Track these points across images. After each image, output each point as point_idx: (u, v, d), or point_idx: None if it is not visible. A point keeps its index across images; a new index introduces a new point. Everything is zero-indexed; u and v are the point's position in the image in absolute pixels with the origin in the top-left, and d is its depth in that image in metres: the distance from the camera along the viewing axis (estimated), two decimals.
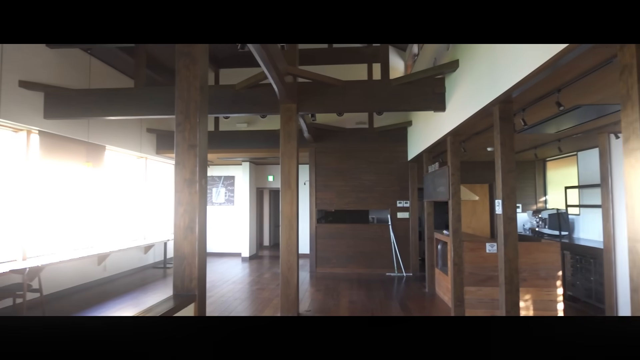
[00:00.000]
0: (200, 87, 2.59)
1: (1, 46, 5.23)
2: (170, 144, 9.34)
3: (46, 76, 6.08)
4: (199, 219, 2.56)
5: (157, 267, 9.63)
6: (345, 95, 5.55)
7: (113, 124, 7.71)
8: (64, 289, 6.71)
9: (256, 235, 11.79)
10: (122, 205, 8.73)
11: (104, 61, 7.47)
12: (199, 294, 2.57)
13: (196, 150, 2.55)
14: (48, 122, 6.14)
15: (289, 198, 5.41)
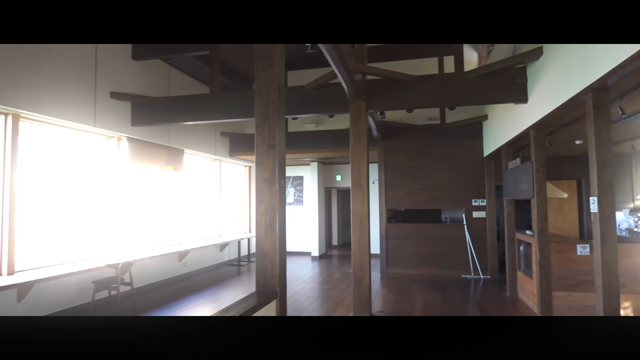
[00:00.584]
0: (278, 89, 2.64)
1: (95, 61, 5.71)
2: (242, 146, 9.68)
3: (132, 87, 6.57)
4: (279, 217, 2.61)
5: (231, 264, 10.03)
6: (416, 90, 5.40)
7: (190, 128, 8.15)
8: (150, 283, 7.21)
9: (325, 235, 11.88)
10: (199, 205, 9.21)
11: (182, 70, 7.93)
12: (280, 291, 2.62)
13: (275, 150, 2.61)
14: (135, 129, 6.62)
15: (360, 197, 5.38)
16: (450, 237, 8.46)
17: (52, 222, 5.61)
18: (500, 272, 8.17)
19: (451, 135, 8.43)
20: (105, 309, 5.85)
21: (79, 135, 5.91)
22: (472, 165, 8.38)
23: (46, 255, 5.44)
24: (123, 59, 6.42)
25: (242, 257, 10.40)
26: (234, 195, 10.81)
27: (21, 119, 4.93)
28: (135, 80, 6.65)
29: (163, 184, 7.86)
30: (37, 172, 5.32)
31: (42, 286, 5.09)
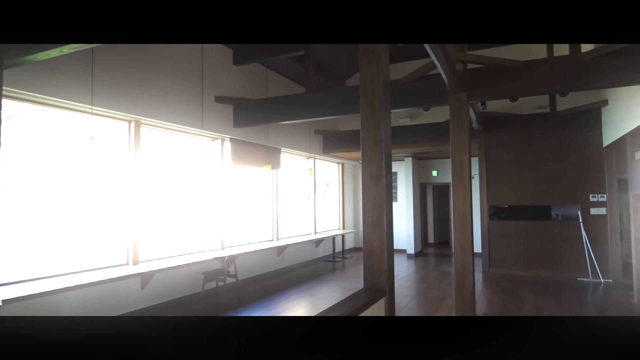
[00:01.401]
0: (384, 83, 2.59)
1: (201, 69, 6.14)
2: (335, 143, 9.76)
3: (234, 90, 6.96)
4: (386, 213, 2.55)
5: (326, 260, 10.20)
6: (524, 77, 4.98)
7: (286, 128, 8.42)
8: (252, 275, 7.59)
9: (420, 232, 11.57)
10: (294, 202, 9.49)
11: (278, 72, 8.22)
12: (388, 289, 2.57)
13: (382, 146, 2.55)
14: (236, 130, 7.01)
15: (462, 193, 5.11)
16: (563, 235, 7.71)
17: (168, 217, 6.15)
18: (624, 275, 7.26)
19: (563, 124, 7.67)
20: (213, 299, 6.27)
21: (187, 138, 6.40)
22: (588, 156, 7.54)
23: (163, 248, 5.99)
24: (225, 65, 6.82)
25: (337, 253, 10.51)
26: (327, 192, 10.97)
27: (142, 124, 5.47)
28: (236, 84, 7.04)
29: (262, 182, 8.23)
30: (154, 173, 5.87)
31: (161, 276, 5.60)
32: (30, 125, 4.52)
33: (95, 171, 5.06)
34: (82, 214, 4.96)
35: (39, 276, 4.38)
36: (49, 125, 4.68)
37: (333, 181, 11.66)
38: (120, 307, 5.07)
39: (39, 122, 4.59)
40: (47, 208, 4.69)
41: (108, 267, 5.04)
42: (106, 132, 5.19)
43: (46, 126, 4.65)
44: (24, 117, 4.47)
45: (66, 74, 4.39)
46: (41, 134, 4.61)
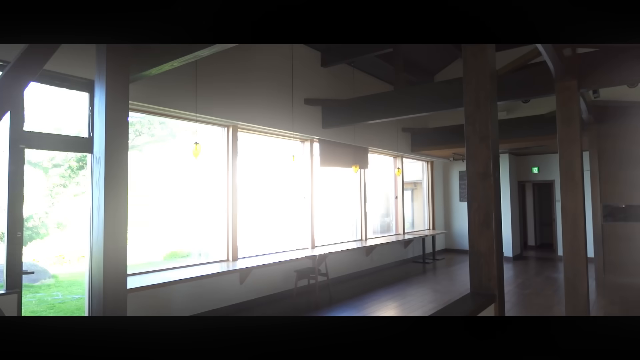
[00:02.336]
0: (490, 75, 2.42)
1: (291, 73, 6.31)
2: (424, 141, 9.46)
3: (322, 92, 7.05)
4: (494, 214, 2.39)
5: (416, 261, 9.93)
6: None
7: (373, 127, 8.33)
8: (342, 274, 7.63)
9: (520, 234, 10.79)
10: (381, 201, 9.38)
11: (365, 71, 8.17)
12: (498, 294, 2.40)
13: (488, 142, 2.39)
14: (325, 131, 7.10)
15: (572, 192, 4.63)
16: None
17: (262, 217, 6.42)
18: None
19: None
20: (305, 296, 6.40)
21: (279, 140, 6.63)
22: None
23: (259, 246, 6.26)
24: (313, 68, 6.95)
25: (427, 254, 10.19)
26: (415, 192, 10.69)
27: (238, 129, 5.77)
28: (324, 86, 7.13)
29: (350, 182, 8.25)
30: (249, 174, 6.15)
31: (257, 272, 5.85)
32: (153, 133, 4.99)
33: (199, 173, 5.44)
34: (190, 214, 5.37)
35: (156, 269, 4.83)
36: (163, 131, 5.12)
37: (422, 180, 11.33)
38: (222, 300, 5.39)
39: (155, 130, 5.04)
40: (162, 208, 5.14)
41: (211, 263, 5.39)
42: (207, 137, 5.56)
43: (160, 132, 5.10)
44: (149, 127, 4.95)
45: (174, 85, 4.79)
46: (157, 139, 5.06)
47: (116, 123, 3.13)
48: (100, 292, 2.97)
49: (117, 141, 3.12)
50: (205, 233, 5.58)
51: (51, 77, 3.85)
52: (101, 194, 3.03)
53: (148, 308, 4.56)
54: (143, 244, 5.04)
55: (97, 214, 3.07)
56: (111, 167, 3.06)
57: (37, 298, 7.17)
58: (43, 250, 9.23)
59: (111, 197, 3.04)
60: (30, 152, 3.83)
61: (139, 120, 5.80)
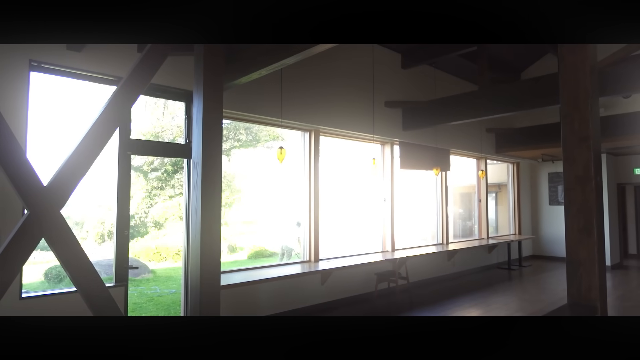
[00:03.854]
0: (590, 71, 2.29)
1: (372, 76, 6.35)
2: (510, 141, 9.01)
3: (402, 94, 7.02)
4: (596, 220, 2.25)
5: (501, 267, 9.46)
6: None
7: (455, 128, 8.10)
8: (423, 279, 7.50)
9: (619, 241, 9.84)
10: (464, 205, 9.07)
11: (446, 71, 7.98)
12: (601, 307, 2.26)
13: (589, 143, 2.26)
14: (405, 133, 7.05)
15: None
16: None
17: (343, 219, 6.53)
18: None
19: None
20: (385, 299, 6.39)
21: (360, 143, 6.70)
22: None
23: (340, 248, 6.37)
24: (394, 70, 6.95)
25: (513, 260, 9.66)
26: (499, 194, 10.19)
27: (320, 133, 5.93)
28: (404, 88, 7.09)
29: (431, 185, 8.09)
30: (331, 177, 6.29)
31: (338, 273, 5.95)
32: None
33: (284, 177, 5.69)
34: (275, 216, 5.64)
35: (243, 267, 5.15)
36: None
37: (507, 182, 10.77)
38: (304, 300, 5.57)
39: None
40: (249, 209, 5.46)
41: (294, 263, 5.60)
42: (291, 141, 5.79)
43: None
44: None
45: (261, 92, 5.06)
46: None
47: (212, 130, 3.32)
48: (197, 288, 3.18)
49: (212, 147, 3.31)
50: (290, 234, 5.80)
51: (153, 89, 4.24)
52: (198, 196, 3.23)
53: (236, 305, 4.83)
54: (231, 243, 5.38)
55: (194, 215, 3.27)
56: (207, 171, 3.25)
57: (138, 291, 7.92)
58: (143, 247, 10.19)
59: (207, 199, 3.23)
60: (134, 158, 4.28)
61: (225, 126, 6.21)
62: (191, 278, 3.32)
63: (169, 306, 7.21)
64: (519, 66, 9.13)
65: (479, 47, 6.27)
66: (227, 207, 6.65)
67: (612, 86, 4.96)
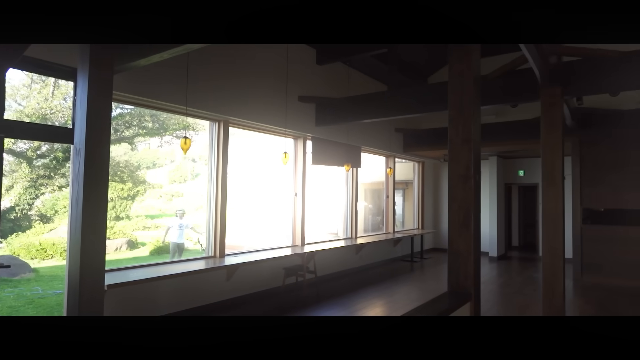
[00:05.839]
0: (474, 79, 2.53)
1: (286, 69, 6.35)
2: (416, 141, 9.59)
3: (316, 90, 7.12)
4: (473, 215, 2.50)
5: (404, 259, 10.06)
6: (628, 69, 4.53)
7: (367, 126, 8.42)
8: (331, 272, 7.72)
9: (504, 235, 10.99)
10: (370, 200, 9.50)
11: (360, 70, 8.27)
12: (474, 293, 2.51)
13: (471, 145, 2.50)
14: (318, 129, 7.17)
15: (553, 195, 4.78)
16: None
17: (251, 213, 6.48)
18: None
19: None
20: (293, 294, 6.47)
21: (271, 137, 6.68)
22: None
23: (247, 242, 6.32)
24: (309, 65, 7.01)
25: (415, 253, 10.33)
26: (407, 191, 10.83)
27: (230, 124, 5.80)
28: (319, 84, 7.20)
29: (341, 180, 8.35)
30: (238, 170, 6.20)
31: (245, 269, 5.87)
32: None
33: (189, 168, 5.48)
34: (178, 209, 5.41)
35: (141, 264, 4.87)
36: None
37: (413, 180, 11.47)
38: (208, 297, 5.41)
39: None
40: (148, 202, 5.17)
41: (197, 259, 5.42)
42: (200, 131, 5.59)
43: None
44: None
45: (164, 77, 4.76)
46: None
47: (98, 114, 2.99)
48: (76, 287, 2.88)
49: (99, 133, 2.99)
50: (175, 229, 5.59)
51: (35, 65, 3.74)
52: (80, 187, 2.90)
53: (129, 305, 4.54)
54: (132, 238, 5.09)
55: (75, 207, 2.95)
56: (92, 159, 2.93)
57: (15, 292, 7.14)
58: (24, 244, 9.10)
59: (91, 190, 2.91)
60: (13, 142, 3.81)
61: (129, 112, 5.83)
62: (70, 277, 2.97)
63: (52, 308, 6.56)
64: (427, 71, 9.74)
65: (389, 49, 6.57)
66: (129, 200, 6.26)
67: (500, 95, 5.50)
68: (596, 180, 7.55)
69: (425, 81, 9.76)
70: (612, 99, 7.23)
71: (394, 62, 6.69)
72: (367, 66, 8.24)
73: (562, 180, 4.80)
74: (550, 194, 4.79)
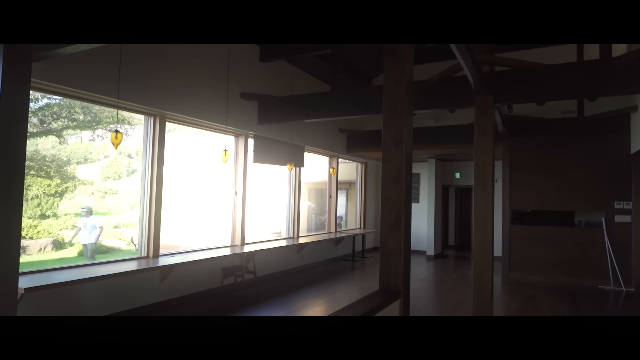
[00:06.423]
0: (407, 84, 2.60)
1: (228, 64, 6.22)
2: (359, 142, 9.76)
3: (259, 87, 7.03)
4: (404, 215, 2.57)
5: (346, 259, 10.22)
6: (552, 81, 4.89)
7: (310, 126, 8.46)
8: (271, 272, 7.67)
9: (441, 234, 11.47)
10: (315, 200, 9.55)
11: (304, 69, 8.26)
12: (404, 291, 2.59)
13: (402, 147, 2.57)
14: (261, 127, 7.09)
15: (484, 197, 5.06)
16: (586, 242, 7.54)
17: (188, 211, 6.29)
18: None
19: (590, 129, 7.49)
20: (231, 295, 6.36)
21: (211, 133, 6.51)
22: (615, 163, 7.34)
23: (183, 241, 6.12)
24: (252, 62, 6.91)
25: (357, 252, 10.52)
26: (350, 192, 11.00)
27: (167, 119, 5.58)
28: (262, 81, 7.12)
29: (283, 180, 8.31)
30: (176, 167, 6.00)
31: (180, 269, 5.67)
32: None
33: (123, 164, 5.22)
34: (111, 207, 5.14)
35: (61, 266, 4.57)
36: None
37: (356, 180, 11.68)
38: (140, 300, 5.17)
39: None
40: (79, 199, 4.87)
41: (129, 260, 5.16)
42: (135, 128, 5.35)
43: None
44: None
45: (94, 66, 4.47)
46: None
47: (12, 103, 2.76)
48: None
49: (15, 124, 2.76)
50: (129, 229, 5.35)
51: None
52: None
53: (52, 309, 4.24)
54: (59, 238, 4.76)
55: None
56: (5, 153, 2.71)
57: None
58: None
59: (4, 188, 2.69)
60: None
61: (57, 102, 5.47)
62: None
63: None
64: (371, 74, 9.94)
65: (333, 50, 6.62)
66: (57, 197, 5.87)
67: (438, 100, 5.72)
68: (523, 183, 8.08)
69: (369, 83, 9.97)
70: (539, 108, 7.77)
71: (338, 63, 6.77)
72: (312, 66, 8.27)
73: (492, 183, 5.08)
74: (481, 196, 5.06)
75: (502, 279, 7.95)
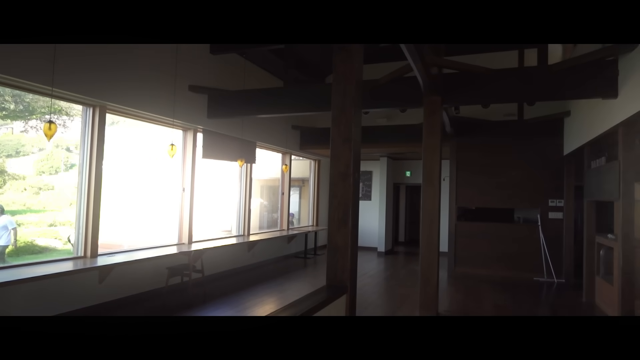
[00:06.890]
0: (356, 82, 2.61)
1: (176, 55, 6.00)
2: (312, 139, 9.74)
3: (209, 80, 6.82)
4: (352, 212, 2.58)
5: (298, 256, 10.20)
6: (495, 85, 5.11)
7: (263, 122, 8.34)
8: (220, 271, 7.50)
9: (392, 231, 11.72)
10: (267, 197, 9.46)
11: (257, 64, 8.12)
12: (350, 286, 2.60)
13: (351, 144, 2.58)
14: (210, 122, 6.88)
15: (431, 194, 5.23)
16: (523, 237, 8.04)
17: (132, 209, 6.02)
18: (576, 276, 7.63)
19: (529, 132, 7.92)
20: (177, 295, 6.15)
21: (157, 127, 6.24)
22: (550, 163, 7.87)
23: (126, 240, 5.84)
24: (202, 53, 6.67)
25: (309, 249, 10.53)
26: (303, 189, 10.99)
27: (107, 110, 5.26)
28: (212, 74, 6.91)
29: (234, 176, 8.16)
30: (120, 162, 5.72)
31: (121, 269, 5.38)
32: None
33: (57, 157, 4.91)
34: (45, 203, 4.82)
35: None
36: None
37: (309, 178, 11.68)
38: (75, 302, 4.85)
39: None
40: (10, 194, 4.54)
41: (63, 260, 4.81)
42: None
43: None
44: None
45: (25, 52, 4.13)
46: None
47: None
48: None
49: None
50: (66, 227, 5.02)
51: None
52: None
53: None
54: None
55: None
56: None
57: None
58: None
59: None
60: None
61: None
62: None
63: None
64: (325, 71, 9.94)
65: (286, 46, 6.56)
66: None
67: (389, 100, 5.81)
68: (469, 182, 8.42)
69: (323, 81, 9.98)
70: (485, 110, 8.10)
71: (291, 59, 6.72)
72: (265, 61, 8.16)
73: (439, 181, 5.24)
74: (428, 193, 5.22)
75: (448, 273, 8.24)
